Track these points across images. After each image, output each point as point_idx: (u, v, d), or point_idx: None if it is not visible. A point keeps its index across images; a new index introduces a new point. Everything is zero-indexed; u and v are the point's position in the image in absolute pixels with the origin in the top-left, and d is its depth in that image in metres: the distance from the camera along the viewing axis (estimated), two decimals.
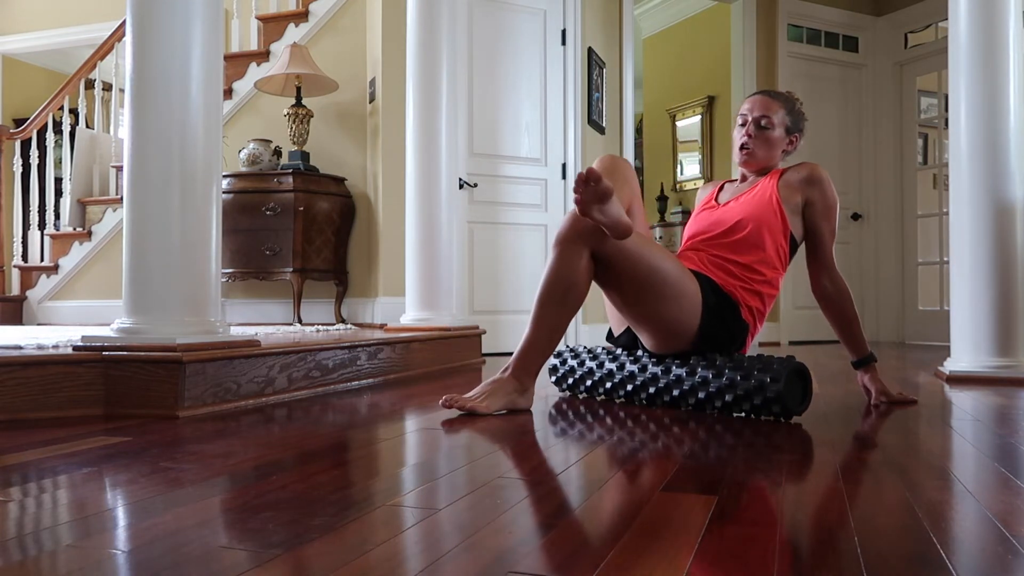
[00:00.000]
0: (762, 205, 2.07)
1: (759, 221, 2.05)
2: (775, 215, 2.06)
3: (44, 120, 5.11)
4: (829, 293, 2.10)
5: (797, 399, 1.81)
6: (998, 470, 1.28)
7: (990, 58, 2.81)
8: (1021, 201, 2.82)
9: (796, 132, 2.17)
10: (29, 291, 5.05)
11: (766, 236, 2.05)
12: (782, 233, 2.07)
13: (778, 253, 2.07)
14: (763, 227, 2.05)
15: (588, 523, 0.95)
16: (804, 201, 2.08)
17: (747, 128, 2.14)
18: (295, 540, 0.87)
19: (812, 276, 2.13)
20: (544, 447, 1.50)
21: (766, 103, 2.14)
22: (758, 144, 2.13)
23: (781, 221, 2.06)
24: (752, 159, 2.15)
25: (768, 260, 2.05)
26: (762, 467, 1.30)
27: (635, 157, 6.68)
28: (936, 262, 5.53)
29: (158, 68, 1.93)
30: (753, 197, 2.10)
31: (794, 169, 2.11)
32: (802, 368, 1.83)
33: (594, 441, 1.55)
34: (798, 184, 2.08)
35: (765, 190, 2.09)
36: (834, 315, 2.11)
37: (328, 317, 4.52)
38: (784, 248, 2.08)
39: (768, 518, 0.99)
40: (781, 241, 2.07)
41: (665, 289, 1.91)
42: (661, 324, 1.96)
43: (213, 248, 2.00)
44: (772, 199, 2.07)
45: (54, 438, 1.53)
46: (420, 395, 2.31)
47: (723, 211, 2.15)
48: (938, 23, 5.51)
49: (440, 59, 3.41)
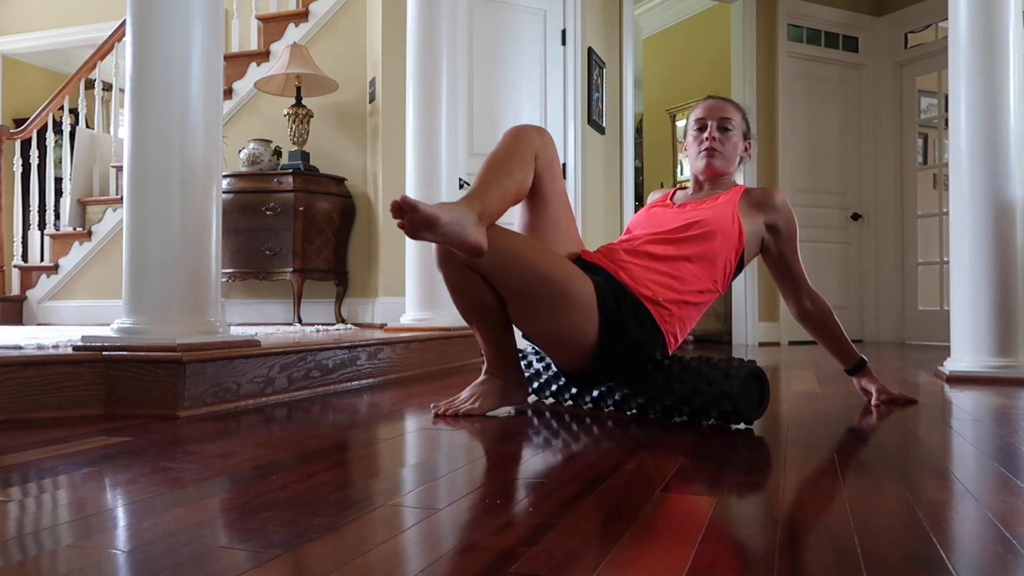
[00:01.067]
0: (721, 214, 1.93)
1: (712, 225, 1.90)
2: (732, 229, 1.92)
3: (44, 120, 5.11)
4: (811, 314, 2.06)
5: (753, 404, 1.72)
6: (998, 470, 1.28)
7: (990, 58, 2.81)
8: (1021, 201, 2.82)
9: (750, 139, 2.12)
10: (29, 291, 5.05)
11: (721, 244, 1.91)
12: (735, 249, 1.93)
13: (725, 267, 1.93)
14: (720, 235, 1.90)
15: (588, 523, 0.95)
16: (767, 225, 1.99)
17: (710, 131, 2.04)
18: (295, 540, 0.87)
19: (790, 301, 2.07)
20: (543, 447, 1.50)
21: (723, 106, 2.07)
22: (723, 146, 2.03)
23: (737, 237, 1.93)
24: (717, 161, 2.03)
25: (712, 270, 1.91)
26: (762, 467, 1.30)
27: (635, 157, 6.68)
28: (936, 262, 5.53)
29: (158, 68, 1.93)
30: (715, 206, 1.96)
31: (758, 191, 2.03)
32: (759, 371, 1.74)
33: (594, 441, 1.55)
34: (763, 207, 1.98)
35: (727, 204, 1.96)
36: (819, 333, 2.08)
37: (328, 317, 4.51)
38: (732, 264, 1.95)
39: (768, 518, 0.99)
40: (731, 256, 1.93)
41: (550, 300, 1.72)
42: (553, 336, 1.79)
43: (213, 248, 2.00)
44: (733, 214, 1.93)
45: (54, 438, 1.53)
46: (420, 395, 2.31)
47: (679, 210, 2.01)
48: (938, 23, 5.51)
49: (440, 59, 3.41)
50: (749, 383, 1.71)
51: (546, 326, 1.77)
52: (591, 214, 4.67)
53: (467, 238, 1.58)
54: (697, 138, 2.07)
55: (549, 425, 1.76)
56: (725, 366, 1.72)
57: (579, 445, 1.51)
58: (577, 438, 1.59)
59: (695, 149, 2.07)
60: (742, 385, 1.68)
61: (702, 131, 2.06)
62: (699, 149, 2.05)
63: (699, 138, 2.06)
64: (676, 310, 1.85)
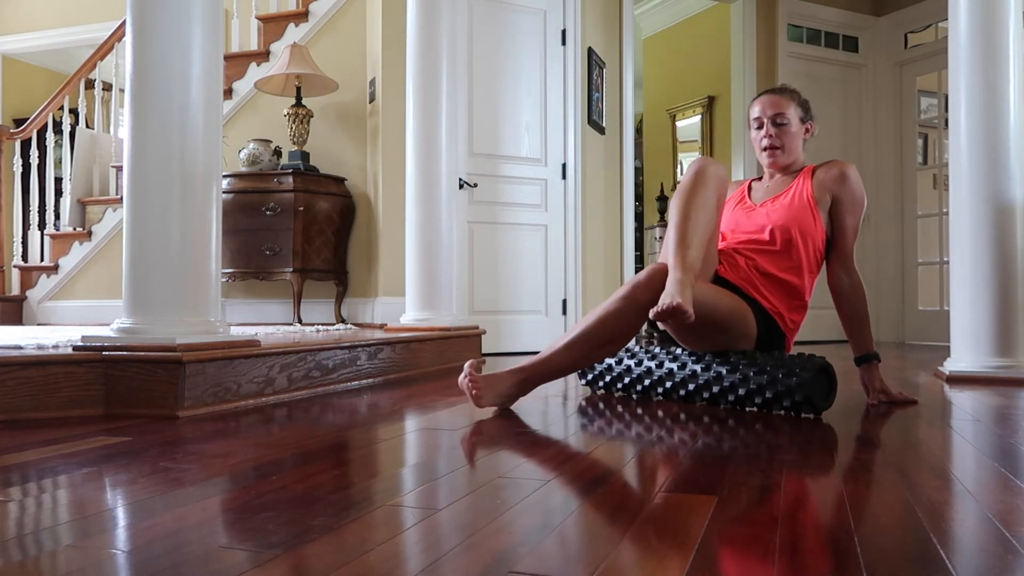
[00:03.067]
0: (800, 210, 2.11)
1: (797, 227, 2.10)
2: (812, 219, 2.11)
3: (44, 120, 5.11)
4: (844, 287, 2.14)
5: (822, 395, 1.88)
6: (998, 470, 1.28)
7: (990, 58, 2.81)
8: (1021, 201, 2.82)
9: (809, 120, 2.24)
10: (29, 291, 5.05)
11: (805, 241, 2.10)
12: (820, 236, 2.13)
13: (815, 256, 2.13)
14: (802, 233, 2.10)
15: (588, 523, 0.95)
16: (834, 198, 2.13)
17: (766, 129, 2.19)
18: (295, 540, 0.87)
19: (830, 270, 2.18)
20: (544, 447, 1.50)
21: (776, 101, 2.19)
22: (783, 141, 2.19)
23: (818, 223, 2.12)
24: (781, 157, 2.20)
25: (804, 267, 2.11)
26: (762, 467, 1.30)
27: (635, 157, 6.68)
28: (936, 262, 5.53)
29: (158, 68, 1.93)
30: (790, 201, 2.14)
31: (824, 167, 2.16)
32: (828, 366, 1.89)
33: (593, 441, 1.55)
34: (829, 182, 2.13)
35: (801, 193, 2.14)
36: (846, 310, 2.14)
37: (328, 317, 4.51)
38: (820, 251, 2.15)
39: (768, 518, 0.98)
40: (818, 244, 2.13)
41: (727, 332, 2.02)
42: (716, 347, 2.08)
43: (213, 248, 2.00)
44: (808, 203, 2.12)
45: (54, 438, 1.53)
46: (420, 395, 2.31)
47: (760, 212, 2.18)
48: (938, 23, 5.51)
49: (440, 59, 3.41)
50: (819, 377, 1.86)
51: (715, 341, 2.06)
52: (591, 214, 4.67)
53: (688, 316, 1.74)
54: (757, 135, 2.22)
55: (549, 425, 1.76)
56: (798, 361, 1.88)
57: (579, 445, 1.51)
58: (577, 438, 1.59)
59: (757, 146, 2.24)
60: (813, 378, 1.83)
61: (760, 128, 2.21)
62: (760, 147, 2.22)
63: (759, 136, 2.22)
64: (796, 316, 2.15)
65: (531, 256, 4.36)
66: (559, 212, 4.45)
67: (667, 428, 1.70)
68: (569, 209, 4.45)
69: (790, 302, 2.12)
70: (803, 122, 2.22)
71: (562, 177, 4.47)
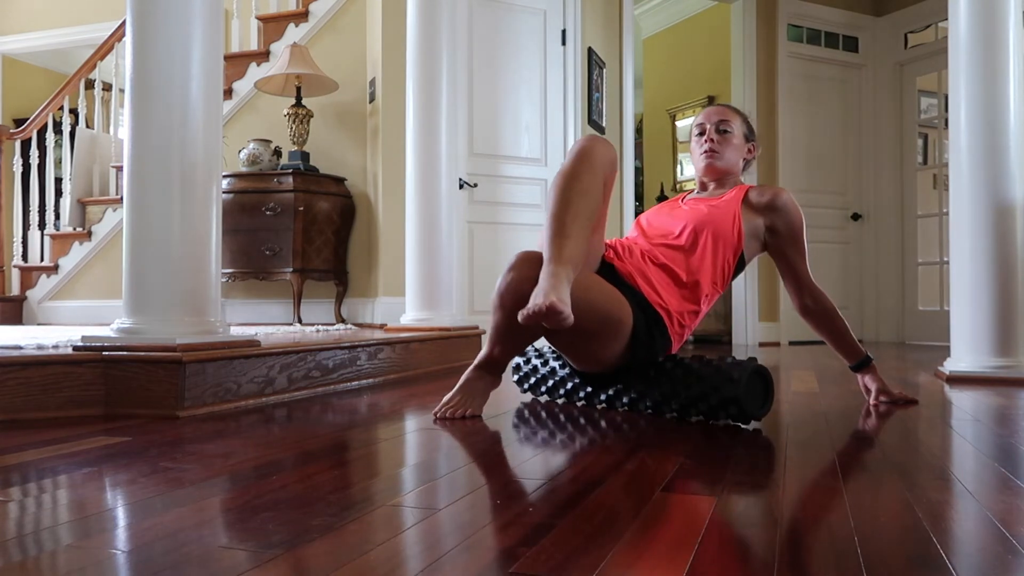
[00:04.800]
0: (722, 216, 2.00)
1: (712, 229, 1.98)
2: (731, 230, 1.99)
3: (44, 120, 5.11)
4: (813, 311, 2.08)
5: (758, 402, 1.74)
6: (998, 470, 1.28)
7: (990, 58, 2.81)
8: (1021, 201, 2.82)
9: (753, 141, 2.19)
10: (29, 291, 5.05)
11: (715, 245, 1.97)
12: (732, 249, 1.99)
13: (723, 268, 1.99)
14: (714, 236, 1.97)
15: (588, 523, 0.95)
16: (767, 227, 2.04)
17: (708, 133, 2.13)
18: (295, 540, 0.87)
19: (794, 298, 2.10)
20: (543, 447, 1.50)
21: (722, 111, 2.17)
22: (721, 147, 2.11)
23: (736, 237, 1.99)
24: (717, 161, 2.11)
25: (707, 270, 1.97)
26: (762, 467, 1.30)
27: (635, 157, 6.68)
28: (936, 262, 5.53)
29: (158, 68, 1.93)
30: (716, 203, 2.04)
31: (759, 190, 2.07)
32: (763, 370, 1.76)
33: (594, 441, 1.55)
34: (762, 208, 2.03)
35: (729, 204, 2.03)
36: (823, 330, 2.10)
37: (328, 317, 4.51)
38: (730, 264, 2.00)
39: (768, 518, 0.98)
40: (729, 256, 1.99)
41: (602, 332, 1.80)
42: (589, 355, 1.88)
43: (213, 248, 2.00)
44: (734, 214, 2.00)
45: (54, 438, 1.53)
46: (420, 395, 2.31)
47: (682, 212, 2.09)
48: (938, 23, 5.51)
49: (440, 59, 3.41)
50: (753, 383, 1.73)
51: (587, 351, 1.87)
52: None
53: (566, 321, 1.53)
54: (698, 142, 2.17)
55: (549, 425, 1.76)
56: (728, 369, 1.73)
57: (579, 445, 1.51)
58: (577, 438, 1.59)
59: (697, 152, 2.18)
60: (746, 387, 1.70)
61: (702, 135, 2.16)
62: (699, 152, 2.16)
63: (699, 141, 2.16)
64: (684, 320, 1.97)
65: None
66: None
67: (665, 428, 1.70)
68: None
69: (681, 299, 1.94)
70: (746, 140, 2.17)
71: None
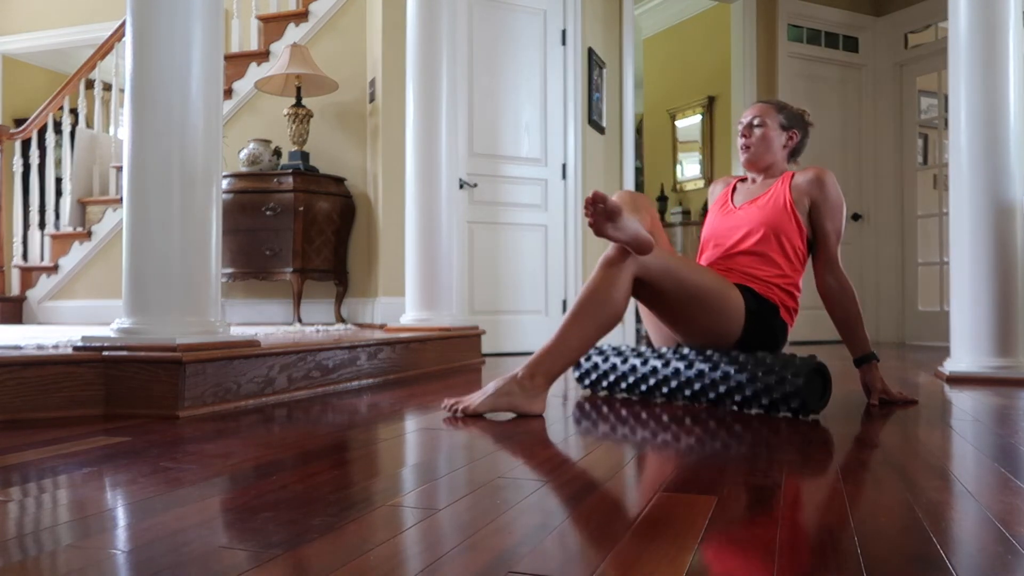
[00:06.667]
0: (776, 211, 2.17)
1: (774, 227, 2.15)
2: (790, 220, 2.16)
3: (44, 120, 5.11)
4: (833, 291, 2.15)
5: (816, 396, 1.88)
6: (998, 470, 1.28)
7: (990, 58, 2.81)
8: (1021, 201, 2.82)
9: (793, 128, 2.28)
10: (29, 291, 5.05)
11: (780, 239, 2.15)
12: (798, 236, 2.16)
13: (795, 254, 2.17)
14: (778, 233, 2.15)
15: (588, 523, 0.95)
16: (813, 202, 2.17)
17: (742, 131, 2.29)
18: (295, 540, 0.87)
19: (817, 273, 2.20)
20: (543, 447, 1.50)
21: (759, 108, 2.30)
22: (755, 143, 2.26)
23: (796, 225, 2.16)
24: (752, 158, 2.28)
25: (784, 259, 2.15)
26: (762, 467, 1.30)
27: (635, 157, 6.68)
28: (936, 262, 5.53)
29: (158, 68, 1.93)
30: (767, 203, 2.20)
31: (802, 173, 2.21)
32: (822, 367, 1.88)
33: (594, 442, 1.55)
34: (805, 186, 2.17)
35: (779, 196, 2.19)
36: (837, 313, 2.15)
37: (328, 317, 4.51)
38: (801, 249, 2.18)
39: (768, 518, 0.98)
40: (797, 243, 2.17)
41: (709, 302, 2.01)
42: (707, 333, 2.09)
43: (213, 248, 2.00)
44: (786, 205, 2.17)
45: (54, 438, 1.53)
46: (420, 395, 2.31)
47: (738, 216, 2.24)
48: (938, 23, 5.51)
49: (440, 59, 3.41)
50: (813, 379, 1.86)
51: (700, 324, 2.06)
52: None
53: (642, 234, 1.85)
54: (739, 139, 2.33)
55: (549, 426, 1.76)
56: (790, 365, 1.87)
57: (579, 445, 1.51)
58: (577, 439, 1.59)
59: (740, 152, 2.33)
60: (807, 382, 1.83)
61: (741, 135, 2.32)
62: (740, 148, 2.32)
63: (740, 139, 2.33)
64: (790, 302, 2.16)
65: (531, 256, 4.36)
66: (559, 212, 4.45)
67: (667, 429, 1.70)
68: (569, 209, 4.45)
69: (783, 280, 2.14)
70: (785, 129, 2.28)
71: (562, 177, 4.47)
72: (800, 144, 2.31)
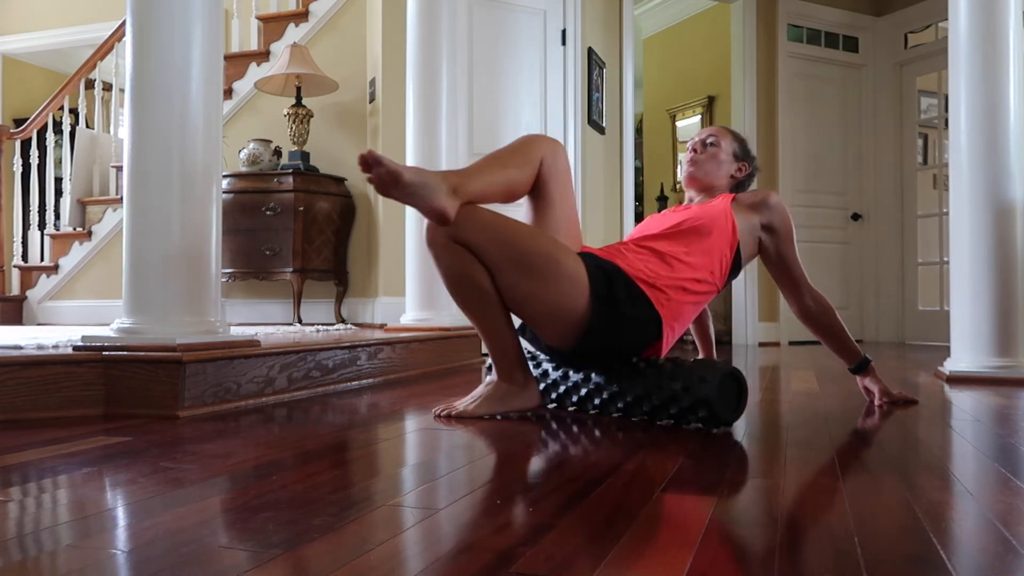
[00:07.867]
0: (713, 212, 1.98)
1: (705, 221, 1.95)
2: (724, 222, 1.96)
3: (44, 120, 5.11)
4: (813, 312, 2.07)
5: (730, 406, 1.68)
6: (998, 470, 1.28)
7: (990, 58, 2.81)
8: (1021, 201, 2.82)
9: (744, 161, 2.17)
10: (29, 291, 5.05)
11: (716, 238, 1.94)
12: (729, 244, 1.96)
13: (720, 261, 1.95)
14: (714, 229, 1.95)
15: (588, 523, 0.95)
16: (763, 225, 2.03)
17: (693, 145, 2.16)
18: (295, 540, 0.87)
19: (792, 302, 2.09)
20: (543, 447, 1.50)
21: (716, 129, 2.18)
22: (704, 159, 2.13)
23: (731, 231, 1.96)
24: (698, 173, 2.13)
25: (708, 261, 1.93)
26: (762, 467, 1.30)
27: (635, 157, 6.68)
28: (936, 262, 5.53)
29: (158, 68, 1.93)
30: (708, 205, 2.03)
31: (749, 193, 2.09)
32: (736, 372, 1.70)
33: (593, 442, 1.55)
34: (755, 205, 2.03)
35: (718, 204, 2.02)
36: (822, 332, 2.09)
37: (328, 317, 4.51)
38: (727, 259, 1.97)
39: (768, 518, 0.98)
40: (725, 250, 1.96)
41: (538, 268, 1.74)
42: (548, 315, 1.78)
43: (213, 248, 2.00)
44: (726, 211, 1.99)
45: (54, 438, 1.53)
46: (420, 395, 2.31)
47: (671, 215, 2.07)
48: (938, 23, 5.51)
49: (440, 59, 3.41)
50: (726, 385, 1.66)
51: (533, 295, 1.76)
52: (591, 215, 4.66)
53: (433, 203, 1.63)
54: (686, 157, 2.19)
55: (549, 426, 1.76)
56: (700, 370, 1.67)
57: (579, 446, 1.51)
58: (577, 439, 1.59)
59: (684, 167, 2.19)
60: (718, 389, 1.63)
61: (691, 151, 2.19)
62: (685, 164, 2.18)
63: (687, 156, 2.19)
64: (673, 294, 1.85)
65: None
66: None
67: (664, 428, 1.70)
68: None
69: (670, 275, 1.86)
70: (737, 159, 2.16)
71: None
72: (746, 179, 2.18)
